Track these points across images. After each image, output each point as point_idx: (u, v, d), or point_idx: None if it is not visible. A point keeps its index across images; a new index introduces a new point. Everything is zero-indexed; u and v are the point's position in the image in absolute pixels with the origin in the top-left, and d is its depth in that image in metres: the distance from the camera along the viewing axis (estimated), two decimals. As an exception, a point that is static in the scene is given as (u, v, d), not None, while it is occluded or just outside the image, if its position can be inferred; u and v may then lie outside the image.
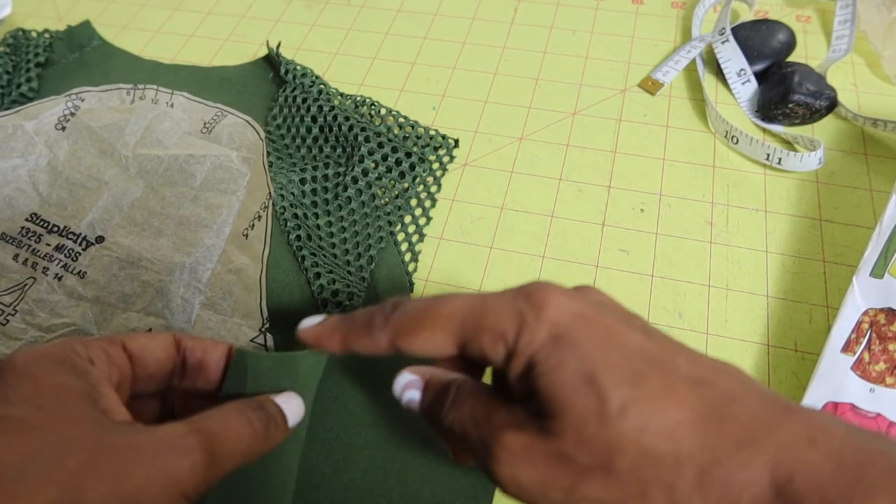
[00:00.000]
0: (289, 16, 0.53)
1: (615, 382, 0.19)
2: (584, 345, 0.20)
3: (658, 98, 0.45)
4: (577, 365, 0.19)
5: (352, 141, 0.40)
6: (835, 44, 0.46)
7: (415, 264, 0.37)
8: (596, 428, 0.19)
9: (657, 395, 0.19)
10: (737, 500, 0.18)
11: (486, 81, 0.47)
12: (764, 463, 0.18)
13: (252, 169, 0.38)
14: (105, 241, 0.36)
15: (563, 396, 0.19)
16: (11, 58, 0.47)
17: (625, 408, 0.19)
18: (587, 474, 0.19)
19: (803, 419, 0.18)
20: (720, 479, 0.18)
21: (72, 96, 0.43)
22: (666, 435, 0.18)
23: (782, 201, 0.39)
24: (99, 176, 0.39)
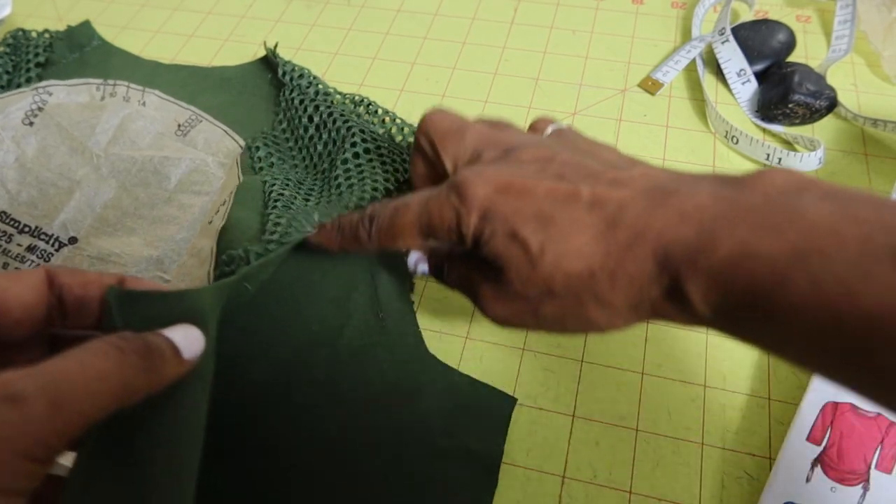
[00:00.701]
0: (289, 16, 0.53)
1: (532, 231, 0.24)
2: (504, 210, 0.25)
3: (658, 98, 0.45)
4: (503, 228, 0.25)
5: (345, 138, 0.39)
6: (835, 44, 0.46)
7: (415, 264, 0.37)
8: (529, 271, 0.25)
9: (564, 229, 0.24)
10: (639, 286, 0.23)
11: (486, 81, 0.47)
12: (649, 251, 0.22)
13: (227, 172, 0.38)
14: (78, 242, 0.36)
15: (501, 255, 0.25)
16: (11, 58, 0.47)
17: (543, 248, 0.24)
18: (539, 301, 0.25)
19: (678, 201, 0.23)
20: (624, 275, 0.23)
21: (39, 90, 0.42)
22: (577, 256, 0.24)
23: (782, 201, 0.39)
24: (70, 175, 0.38)
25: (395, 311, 0.34)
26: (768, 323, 0.20)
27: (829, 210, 0.20)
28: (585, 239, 0.24)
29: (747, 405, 0.31)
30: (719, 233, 0.21)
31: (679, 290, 0.22)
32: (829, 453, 0.28)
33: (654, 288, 0.23)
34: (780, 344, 0.21)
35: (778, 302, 0.19)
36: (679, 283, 0.22)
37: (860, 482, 0.27)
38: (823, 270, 0.19)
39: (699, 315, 0.22)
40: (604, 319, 0.24)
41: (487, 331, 0.34)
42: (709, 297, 0.21)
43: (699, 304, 0.21)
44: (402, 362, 0.33)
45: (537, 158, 0.27)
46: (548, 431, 0.31)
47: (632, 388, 0.32)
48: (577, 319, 0.25)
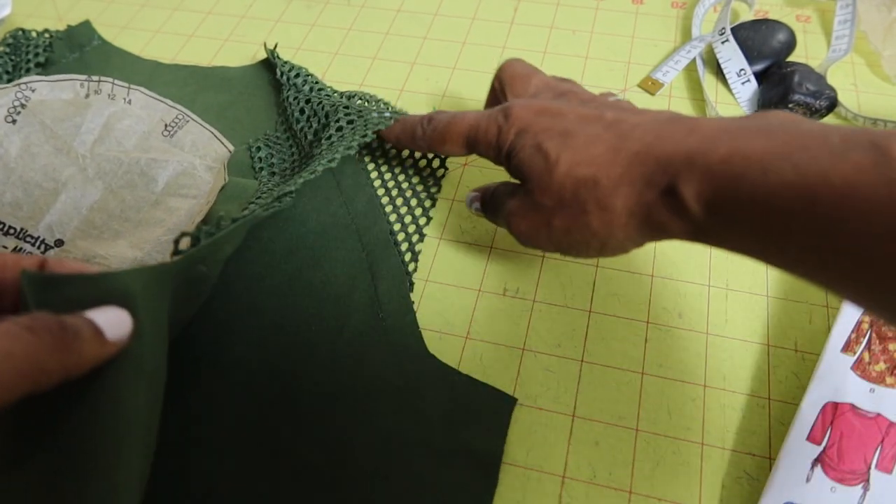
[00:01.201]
0: (289, 16, 0.53)
1: (554, 144, 0.28)
2: (536, 128, 0.29)
3: (658, 98, 0.45)
4: (531, 141, 0.28)
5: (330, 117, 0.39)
6: (835, 44, 0.46)
7: (415, 264, 0.37)
8: (546, 178, 0.27)
9: (581, 142, 0.27)
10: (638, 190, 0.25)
11: (486, 81, 0.47)
12: (653, 159, 0.25)
13: (215, 176, 0.38)
14: (64, 244, 0.35)
15: (526, 165, 0.28)
16: (11, 58, 0.47)
17: (559, 157, 0.27)
18: (552, 212, 0.28)
19: (686, 122, 0.25)
20: (626, 180, 0.25)
21: (21, 86, 0.41)
22: (587, 165, 0.26)
23: (782, 201, 0.39)
24: (55, 176, 0.37)
25: (395, 311, 0.34)
26: (750, 213, 0.22)
27: (821, 126, 0.22)
28: (598, 150, 0.26)
29: (747, 405, 0.31)
30: (718, 141, 0.23)
31: (674, 191, 0.24)
32: (829, 453, 0.28)
33: (651, 191, 0.25)
34: (761, 237, 0.22)
35: (760, 190, 0.21)
36: (675, 183, 0.24)
37: (860, 482, 0.27)
38: (806, 160, 0.21)
39: (689, 214, 0.24)
40: (603, 228, 0.27)
41: (487, 331, 0.34)
42: (701, 193, 0.23)
43: (691, 202, 0.24)
44: (402, 362, 0.33)
45: (582, 100, 0.30)
46: (548, 431, 0.31)
47: (632, 388, 0.32)
48: (581, 231, 0.27)
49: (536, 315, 0.35)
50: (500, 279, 0.36)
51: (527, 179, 0.29)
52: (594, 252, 0.28)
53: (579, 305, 0.35)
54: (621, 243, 0.27)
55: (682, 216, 0.24)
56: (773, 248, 0.22)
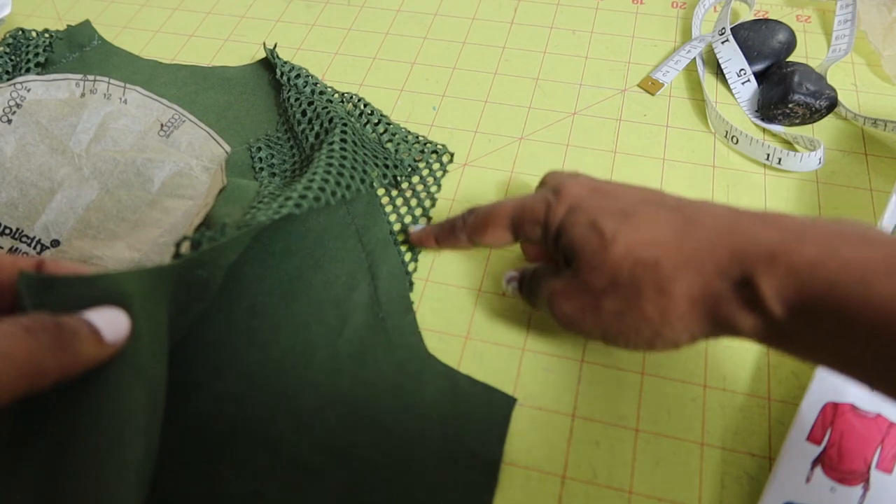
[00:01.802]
0: (289, 16, 0.53)
1: (610, 222, 0.26)
2: (590, 205, 0.27)
3: (658, 98, 0.45)
4: (585, 219, 0.27)
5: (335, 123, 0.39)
6: (835, 44, 0.46)
7: (415, 264, 0.37)
8: (600, 257, 0.26)
9: (641, 222, 0.26)
10: (706, 278, 0.24)
11: (486, 81, 0.47)
12: (726, 247, 0.23)
13: (212, 177, 0.38)
14: (61, 244, 0.35)
15: (576, 243, 0.27)
16: (11, 58, 0.47)
17: (616, 236, 0.26)
18: (603, 293, 0.26)
19: (762, 215, 0.24)
20: (692, 266, 0.24)
21: (16, 86, 0.41)
22: (648, 246, 0.25)
23: (782, 201, 0.39)
24: (51, 175, 0.37)
25: (395, 311, 0.34)
26: (848, 326, 0.20)
27: None
28: (660, 232, 0.25)
29: (747, 405, 0.31)
30: (805, 238, 0.22)
31: (750, 285, 0.22)
32: (829, 453, 0.28)
33: (721, 281, 0.23)
34: (844, 352, 0.21)
35: (861, 302, 0.20)
36: (752, 277, 0.22)
37: (860, 482, 0.27)
38: None
39: (767, 312, 0.22)
40: (659, 314, 0.25)
41: (487, 331, 0.34)
42: (783, 292, 0.22)
43: (771, 301, 0.22)
44: (402, 362, 0.33)
45: (632, 186, 0.29)
46: (548, 431, 0.31)
47: (632, 388, 0.32)
48: (633, 316, 0.25)
49: (536, 315, 0.35)
50: (500, 279, 0.36)
51: (576, 258, 0.27)
52: (644, 342, 0.26)
53: (579, 305, 0.35)
54: (676, 334, 0.25)
55: (758, 313, 0.22)
56: (853, 363, 0.21)
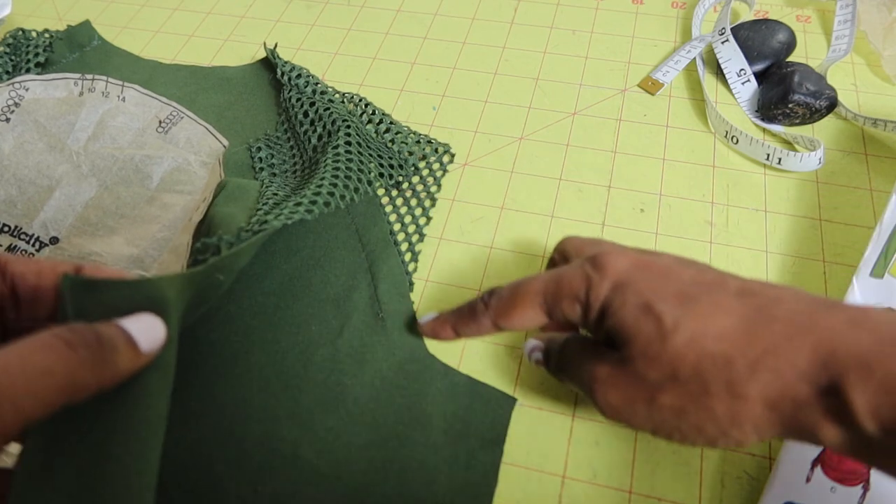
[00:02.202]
0: (289, 16, 0.53)
1: (669, 307, 0.23)
2: (640, 284, 0.24)
3: (658, 98, 0.45)
4: (636, 300, 0.23)
5: (339, 125, 0.39)
6: (835, 44, 0.46)
7: (415, 264, 0.37)
8: (657, 347, 0.23)
9: (706, 309, 0.23)
10: (786, 381, 0.21)
11: (486, 81, 0.47)
12: (808, 346, 0.21)
13: (210, 172, 0.38)
14: (60, 242, 0.35)
15: (628, 327, 0.23)
16: (11, 58, 0.47)
17: (677, 324, 0.22)
18: (660, 387, 0.23)
19: (845, 310, 0.22)
20: (770, 365, 0.21)
21: (15, 85, 0.41)
22: (716, 339, 0.22)
23: (782, 201, 0.39)
24: (49, 173, 0.37)
25: (395, 311, 0.34)
26: None
27: None
28: (730, 322, 0.22)
29: (747, 405, 0.31)
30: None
31: (838, 395, 0.20)
32: (830, 453, 0.28)
33: (805, 386, 0.20)
34: None
35: None
36: (842, 386, 0.20)
37: (860, 482, 0.27)
38: None
39: (857, 426, 0.20)
40: (728, 416, 0.22)
41: (487, 331, 0.34)
42: (879, 408, 0.19)
43: (863, 416, 0.19)
44: (402, 362, 0.33)
45: (678, 259, 0.26)
46: (548, 431, 0.31)
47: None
48: (697, 414, 0.22)
49: (536, 315, 0.35)
50: (500, 279, 0.36)
51: (628, 344, 0.23)
52: (704, 440, 0.23)
53: (579, 305, 0.35)
54: (745, 436, 0.22)
55: (846, 426, 0.20)
56: None
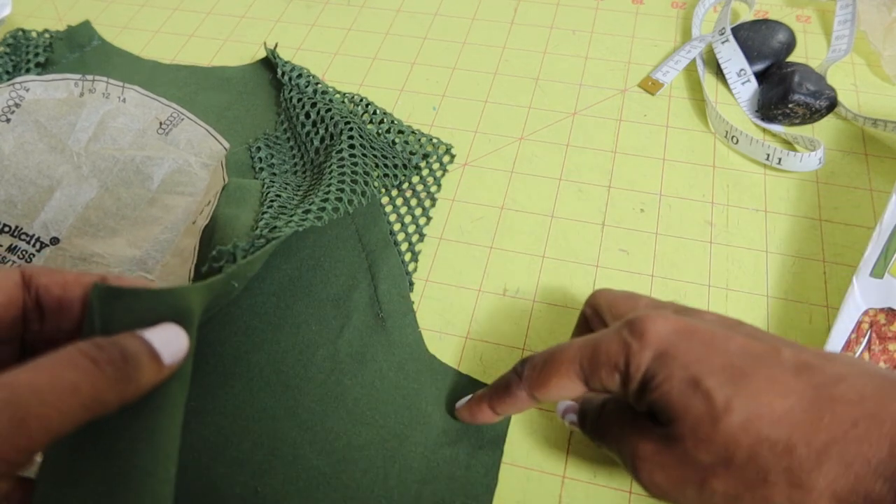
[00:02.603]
0: (289, 16, 0.53)
1: (719, 383, 0.21)
2: (686, 355, 0.22)
3: (658, 98, 0.45)
4: (682, 374, 0.21)
5: (341, 128, 0.39)
6: (835, 44, 0.46)
7: (415, 264, 0.37)
8: (708, 428, 0.21)
9: (761, 387, 0.21)
10: (858, 474, 0.19)
11: (486, 81, 0.47)
12: (881, 434, 0.19)
13: (212, 174, 0.38)
14: (60, 242, 0.35)
15: (674, 405, 0.21)
16: (11, 58, 0.47)
17: (730, 404, 0.20)
18: (711, 471, 0.21)
19: None
20: (838, 456, 0.19)
21: (15, 86, 0.41)
22: (775, 422, 0.20)
23: (782, 201, 0.39)
24: (49, 173, 0.37)
25: (395, 311, 0.34)
26: None
27: None
28: (787, 404, 0.20)
29: (747, 405, 0.31)
30: None
31: None
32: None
33: (879, 482, 0.19)
34: None
35: None
36: None
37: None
38: None
39: None
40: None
41: (487, 331, 0.34)
42: None
43: None
44: (402, 362, 0.33)
45: (723, 320, 0.24)
46: (548, 431, 0.31)
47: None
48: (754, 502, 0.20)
49: (536, 315, 0.35)
50: (500, 279, 0.36)
51: (675, 422, 0.21)
52: None
53: (579, 305, 0.35)
54: None
55: None
56: None
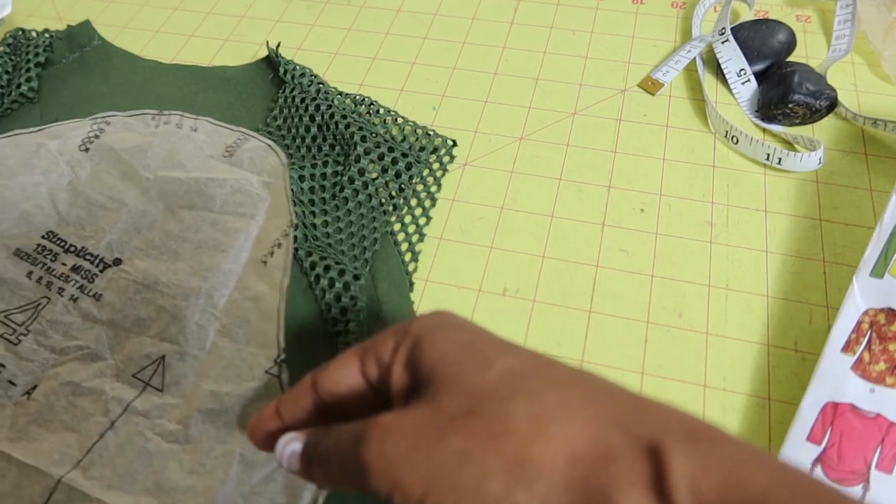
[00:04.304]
0: (289, 16, 0.53)
1: (488, 344, 0.20)
2: (456, 329, 0.21)
3: (658, 98, 0.45)
4: (455, 338, 0.21)
5: (348, 139, 0.40)
6: (835, 44, 0.46)
7: (415, 264, 0.37)
8: (473, 379, 0.19)
9: (529, 354, 0.20)
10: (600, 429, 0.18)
11: (486, 81, 0.47)
12: (630, 397, 0.19)
13: (272, 194, 0.37)
14: (122, 263, 0.35)
15: (445, 362, 0.20)
16: (11, 58, 0.47)
17: (497, 359, 0.19)
18: (452, 424, 0.18)
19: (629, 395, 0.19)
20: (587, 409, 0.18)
21: (97, 120, 0.42)
22: (535, 374, 0.19)
23: (782, 201, 0.39)
24: (119, 197, 0.38)
25: (395, 312, 0.34)
26: None
27: None
28: (556, 366, 0.20)
29: (747, 405, 0.31)
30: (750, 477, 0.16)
31: (658, 458, 0.16)
32: (829, 453, 0.28)
33: (620, 436, 0.17)
34: None
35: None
36: (663, 449, 0.17)
37: (860, 482, 0.27)
38: None
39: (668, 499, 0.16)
40: (519, 467, 0.17)
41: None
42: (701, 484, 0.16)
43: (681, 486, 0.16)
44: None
45: None
46: None
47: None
48: (485, 459, 0.18)
49: (536, 315, 0.35)
50: (500, 279, 0.36)
51: (436, 378, 0.20)
52: None
53: (579, 305, 0.35)
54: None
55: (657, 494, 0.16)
56: None
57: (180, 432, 0.30)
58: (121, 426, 0.30)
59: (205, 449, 0.29)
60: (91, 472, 0.29)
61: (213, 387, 0.31)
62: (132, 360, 0.32)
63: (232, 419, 0.30)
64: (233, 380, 0.31)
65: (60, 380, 0.32)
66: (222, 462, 0.29)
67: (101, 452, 0.29)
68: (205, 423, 0.30)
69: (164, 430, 0.30)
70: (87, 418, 0.30)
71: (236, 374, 0.31)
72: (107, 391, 0.31)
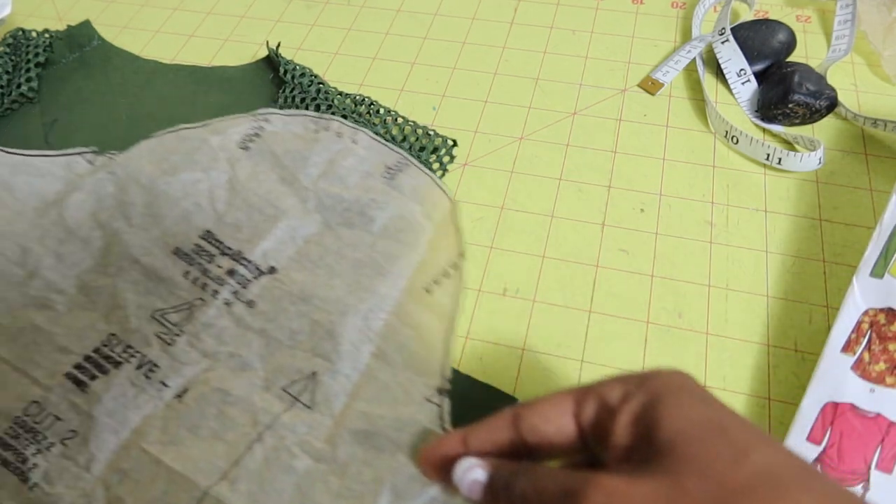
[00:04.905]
0: (289, 16, 0.53)
1: (742, 431, 0.18)
2: (702, 401, 0.19)
3: (658, 98, 0.45)
4: (697, 412, 0.19)
5: None
6: (835, 44, 0.46)
7: (415, 264, 0.37)
8: (724, 466, 0.17)
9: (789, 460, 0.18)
10: None
11: (486, 81, 0.47)
12: None
13: (436, 228, 0.36)
14: (277, 272, 0.34)
15: (689, 437, 0.18)
16: (11, 57, 0.47)
17: (749, 447, 0.18)
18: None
19: None
20: None
21: (258, 116, 0.41)
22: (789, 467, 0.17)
23: (782, 201, 0.39)
24: (277, 203, 0.37)
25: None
26: None
27: None
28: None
29: (747, 405, 0.31)
30: None
31: None
32: (829, 453, 0.28)
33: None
34: None
35: None
36: None
37: (860, 482, 0.27)
38: None
39: None
40: None
41: (487, 331, 0.34)
42: None
43: None
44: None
45: None
46: None
47: None
48: None
49: (536, 315, 0.35)
50: (500, 279, 0.36)
51: (677, 455, 0.18)
52: None
53: (579, 305, 0.35)
54: None
55: None
56: None
57: (328, 451, 0.28)
58: (268, 439, 0.29)
59: (353, 473, 0.28)
60: (237, 486, 0.28)
61: (365, 408, 0.29)
62: (282, 372, 0.31)
63: (383, 442, 0.28)
64: (387, 403, 0.30)
65: (211, 385, 0.30)
66: (371, 489, 0.27)
67: (248, 465, 0.28)
68: (353, 444, 0.28)
69: (312, 448, 0.28)
70: (235, 428, 0.29)
71: (391, 398, 0.30)
72: (255, 402, 0.30)
